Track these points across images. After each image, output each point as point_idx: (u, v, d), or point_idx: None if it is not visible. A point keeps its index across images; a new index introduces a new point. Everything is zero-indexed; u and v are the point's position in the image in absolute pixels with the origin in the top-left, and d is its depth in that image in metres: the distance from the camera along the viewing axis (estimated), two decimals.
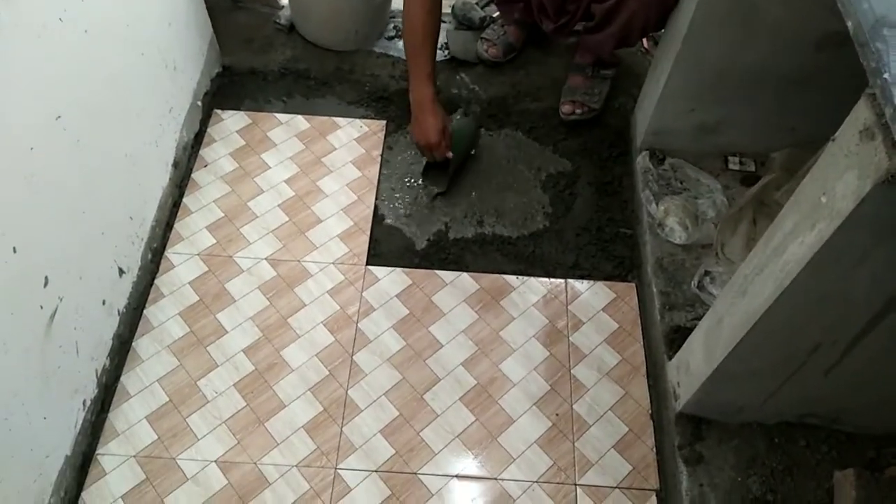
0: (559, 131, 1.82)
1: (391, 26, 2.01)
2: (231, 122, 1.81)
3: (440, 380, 1.42)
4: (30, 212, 1.07)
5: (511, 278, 1.57)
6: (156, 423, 1.34)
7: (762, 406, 1.21)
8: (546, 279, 1.57)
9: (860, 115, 0.76)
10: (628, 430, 1.37)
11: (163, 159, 1.57)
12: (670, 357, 1.35)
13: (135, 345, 1.43)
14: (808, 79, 1.45)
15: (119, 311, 1.39)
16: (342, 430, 1.35)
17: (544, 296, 1.54)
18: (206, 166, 1.72)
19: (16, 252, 1.04)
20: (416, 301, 1.53)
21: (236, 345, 1.44)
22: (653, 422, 1.38)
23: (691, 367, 1.23)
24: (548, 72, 1.92)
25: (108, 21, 1.28)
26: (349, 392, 1.40)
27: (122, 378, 1.39)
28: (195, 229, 1.61)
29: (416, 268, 1.57)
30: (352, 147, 1.78)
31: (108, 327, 1.36)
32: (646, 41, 1.97)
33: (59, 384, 1.20)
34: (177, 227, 1.61)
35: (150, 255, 1.52)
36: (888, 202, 0.74)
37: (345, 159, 1.75)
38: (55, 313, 1.16)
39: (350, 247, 1.60)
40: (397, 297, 1.53)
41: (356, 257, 1.58)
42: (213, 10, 1.80)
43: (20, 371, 1.08)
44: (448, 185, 1.68)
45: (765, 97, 1.50)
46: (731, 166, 1.65)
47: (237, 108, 1.84)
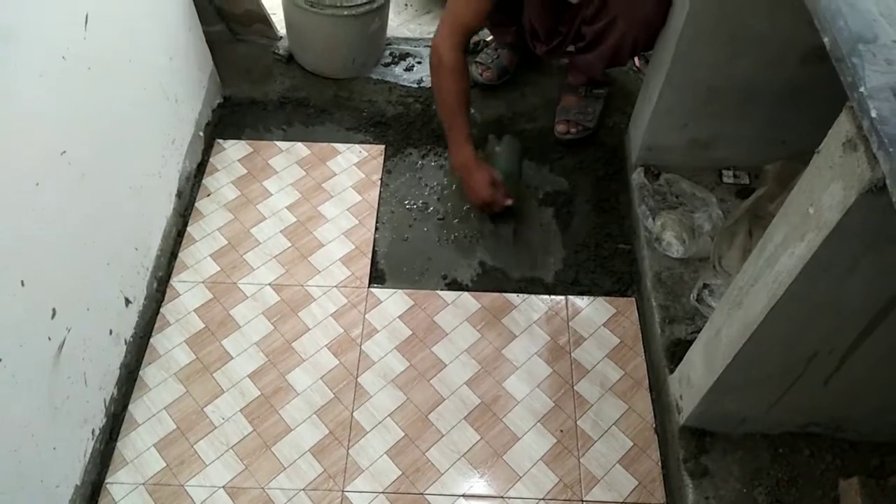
0: (555, 151, 1.84)
1: (387, 53, 2.05)
2: (232, 151, 1.84)
3: (444, 399, 1.43)
4: (36, 245, 1.10)
5: (512, 296, 1.58)
6: (164, 451, 1.35)
7: (765, 416, 1.22)
8: (546, 296, 1.58)
9: (842, 127, 0.79)
10: (633, 444, 1.37)
11: (166, 190, 1.60)
12: (672, 370, 1.36)
13: (142, 373, 1.45)
14: (797, 92, 1.48)
15: (126, 341, 1.41)
16: (348, 453, 1.36)
17: (545, 313, 1.56)
18: (209, 195, 1.75)
19: (23, 286, 1.06)
20: (419, 322, 1.54)
21: (242, 370, 1.46)
22: (657, 436, 1.38)
23: (692, 380, 1.24)
24: (542, 92, 1.96)
25: (111, 57, 1.32)
26: (354, 414, 1.41)
27: (130, 407, 1.40)
28: (199, 257, 1.63)
29: (418, 289, 1.59)
30: (351, 172, 1.80)
31: (116, 357, 1.38)
32: (637, 60, 2.00)
33: (68, 414, 1.21)
34: (181, 255, 1.63)
35: (156, 284, 1.54)
36: (873, 211, 0.76)
37: (345, 184, 1.78)
38: (63, 344, 1.18)
39: (352, 270, 1.62)
40: (400, 318, 1.55)
41: (358, 280, 1.61)
42: (212, 43, 1.84)
43: (29, 402, 1.10)
44: (516, 224, 1.70)
45: (756, 111, 1.53)
46: (726, 180, 1.67)
47: (238, 138, 1.87)
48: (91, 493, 1.29)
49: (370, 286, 1.60)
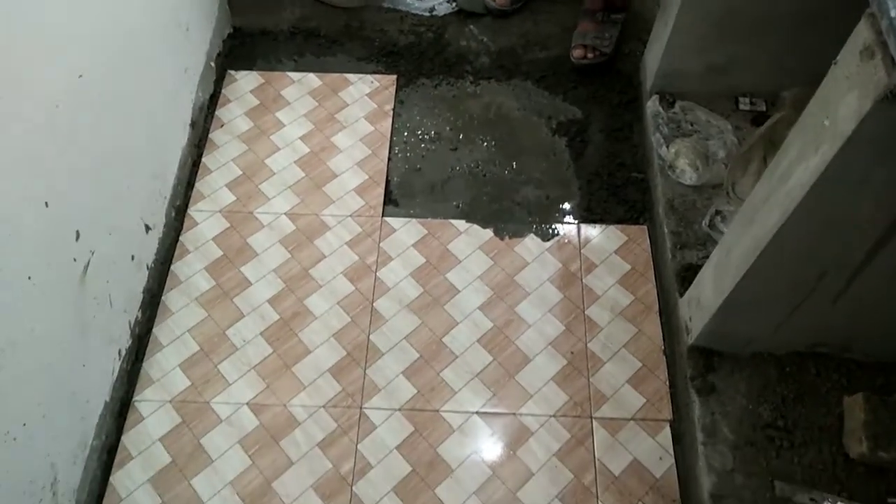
0: (569, 79, 1.83)
1: None
2: (244, 83, 1.84)
3: (458, 323, 1.47)
4: (58, 167, 1.12)
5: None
6: (188, 371, 1.41)
7: (772, 336, 1.25)
8: (559, 224, 1.60)
9: (860, 35, 0.78)
10: (642, 365, 1.41)
11: (180, 119, 1.61)
12: (682, 294, 1.38)
13: (164, 298, 1.49)
14: (816, 16, 1.44)
15: (147, 266, 1.45)
16: (366, 373, 1.40)
17: (557, 240, 1.58)
18: (223, 126, 1.75)
19: (48, 206, 1.09)
20: (432, 250, 1.57)
21: (261, 295, 1.50)
22: (665, 357, 1.42)
23: (702, 301, 1.26)
24: (556, 20, 1.92)
25: None
26: (371, 337, 1.45)
27: (154, 329, 1.45)
28: (215, 187, 1.65)
29: (432, 217, 1.61)
30: (364, 102, 1.80)
31: (138, 281, 1.42)
32: None
33: (96, 334, 1.26)
34: (198, 185, 1.65)
35: (174, 213, 1.57)
36: (888, 119, 0.76)
37: (357, 115, 1.78)
38: (88, 266, 1.22)
39: (366, 199, 1.64)
40: (414, 246, 1.57)
41: (372, 209, 1.62)
42: None
43: (59, 320, 1.14)
44: None
45: (774, 36, 1.50)
46: (742, 107, 1.65)
47: (250, 69, 1.86)
48: (119, 410, 1.35)
49: (384, 215, 1.62)
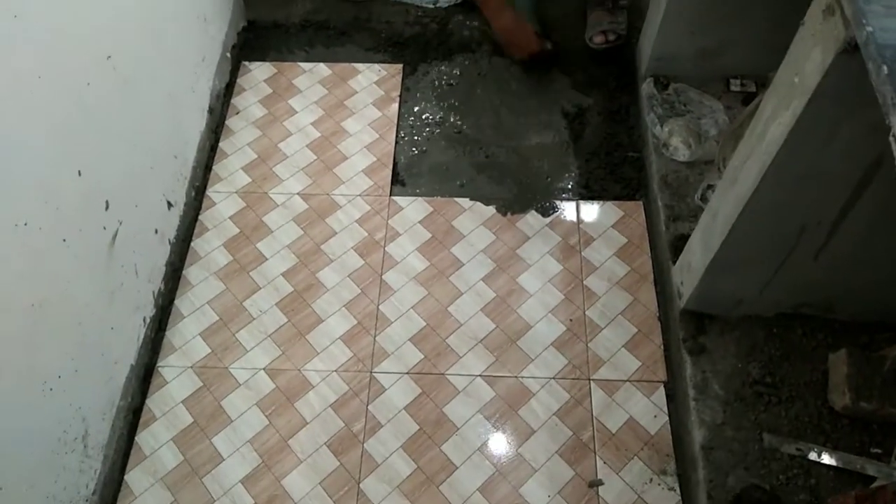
0: (568, 64, 1.90)
1: None
2: (258, 73, 1.93)
3: (462, 293, 1.54)
4: (90, 140, 1.21)
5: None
6: (209, 339, 1.49)
7: (759, 297, 1.31)
8: (559, 201, 1.67)
9: None
10: (637, 330, 1.48)
11: (199, 105, 1.70)
12: (675, 262, 1.45)
13: (185, 272, 1.58)
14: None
15: (170, 241, 1.54)
16: (375, 340, 1.48)
17: (557, 216, 1.65)
18: (238, 113, 1.85)
19: (80, 175, 1.18)
20: (438, 226, 1.65)
21: (276, 270, 1.58)
22: (660, 323, 1.49)
23: (692, 265, 1.33)
24: (556, 9, 2.00)
25: None
26: (380, 307, 1.53)
27: (176, 301, 1.54)
28: (232, 170, 1.74)
29: (437, 196, 1.69)
30: (371, 90, 1.89)
31: (161, 255, 1.51)
32: None
33: (123, 300, 1.34)
34: (215, 168, 1.74)
35: (194, 193, 1.66)
36: (849, 71, 0.84)
37: (366, 101, 1.86)
38: (116, 235, 1.30)
39: (374, 180, 1.72)
40: (420, 223, 1.65)
41: (380, 189, 1.71)
42: None
43: (90, 283, 1.23)
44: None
45: (763, 17, 1.57)
46: (733, 88, 1.72)
47: (263, 60, 1.96)
48: (144, 374, 1.43)
49: (392, 194, 1.70)
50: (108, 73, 1.26)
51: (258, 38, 2.00)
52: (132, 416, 1.39)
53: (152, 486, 1.32)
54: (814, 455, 1.22)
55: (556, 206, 1.67)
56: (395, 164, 1.75)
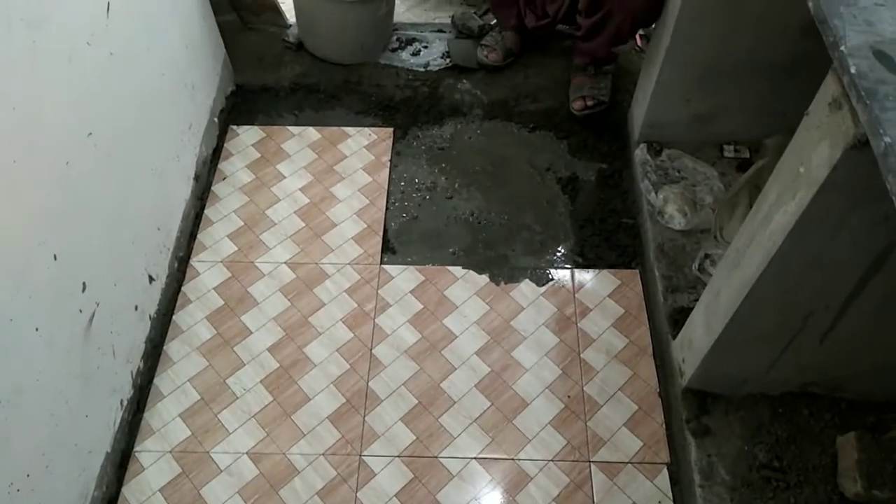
0: (560, 130, 1.89)
1: (394, 38, 2.10)
2: (246, 137, 1.90)
3: (456, 369, 1.49)
4: (68, 222, 1.16)
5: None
6: (189, 420, 1.42)
7: (764, 377, 1.27)
8: (553, 270, 1.63)
9: (828, 88, 0.83)
10: (638, 408, 1.43)
11: (185, 173, 1.66)
12: (674, 336, 1.41)
13: (166, 348, 1.51)
14: (797, 65, 1.51)
15: (150, 316, 1.48)
16: (365, 420, 1.42)
17: (552, 286, 1.61)
18: (225, 179, 1.81)
19: (56, 259, 1.12)
20: (430, 296, 1.60)
21: (261, 344, 1.52)
22: (661, 399, 1.44)
23: (694, 343, 1.29)
24: (545, 74, 2.00)
25: (131, 44, 1.37)
26: (370, 384, 1.47)
27: (156, 380, 1.47)
28: (217, 238, 1.69)
29: (429, 264, 1.65)
30: (362, 154, 1.86)
31: (141, 331, 1.44)
32: (639, 39, 2.04)
33: (98, 384, 1.28)
34: (200, 237, 1.69)
35: (177, 264, 1.60)
36: (858, 166, 0.81)
37: (356, 166, 1.83)
38: (93, 317, 1.24)
39: (364, 248, 1.68)
40: (411, 293, 1.60)
41: (371, 257, 1.66)
42: (224, 31, 1.89)
43: (63, 370, 1.16)
44: None
45: (756, 85, 1.57)
46: (727, 154, 1.71)
47: (251, 123, 1.93)
48: (121, 461, 1.36)
49: (382, 263, 1.66)
50: (88, 150, 1.22)
51: (247, 101, 1.97)
52: None
53: None
54: None
55: (551, 275, 1.63)
56: (385, 232, 1.71)
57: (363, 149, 1.87)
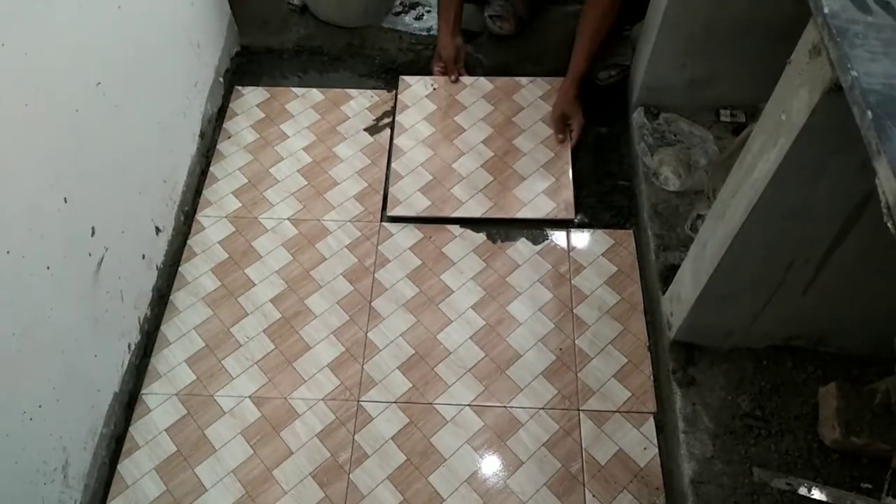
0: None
1: (398, 2, 2.12)
2: (251, 97, 1.93)
3: (452, 321, 1.53)
4: (77, 167, 1.20)
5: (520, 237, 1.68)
6: (194, 366, 1.47)
7: (749, 329, 1.31)
8: (549, 229, 1.67)
9: (808, 36, 0.86)
10: (627, 361, 1.47)
11: (190, 130, 1.70)
12: (664, 292, 1.45)
13: (172, 297, 1.56)
14: (791, 30, 1.52)
15: (157, 266, 1.53)
16: (363, 368, 1.47)
17: (547, 244, 1.65)
18: (230, 137, 1.84)
19: (66, 202, 1.17)
20: (428, 253, 1.64)
21: (264, 295, 1.57)
22: (650, 353, 1.48)
23: (682, 296, 1.33)
24: (547, 38, 2.02)
25: None
26: (368, 334, 1.51)
27: (162, 327, 1.52)
28: (222, 194, 1.74)
29: (428, 222, 1.69)
30: (364, 116, 1.89)
31: (148, 280, 1.49)
32: None
33: (107, 327, 1.33)
34: (205, 193, 1.74)
35: (183, 218, 1.65)
36: (836, 110, 0.84)
37: (358, 127, 1.87)
38: (102, 261, 1.29)
39: (365, 206, 1.72)
40: (410, 249, 1.65)
41: (371, 215, 1.70)
42: None
43: (74, 310, 1.22)
44: None
45: (752, 49, 1.58)
46: (723, 118, 1.73)
47: (256, 85, 1.96)
48: (128, 401, 1.42)
49: (382, 220, 1.70)
50: (97, 98, 1.26)
51: (251, 63, 2.00)
52: (114, 444, 1.37)
53: None
54: (804, 490, 1.21)
55: (547, 234, 1.66)
56: (386, 190, 1.75)
57: (365, 110, 1.90)
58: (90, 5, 1.23)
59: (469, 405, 1.42)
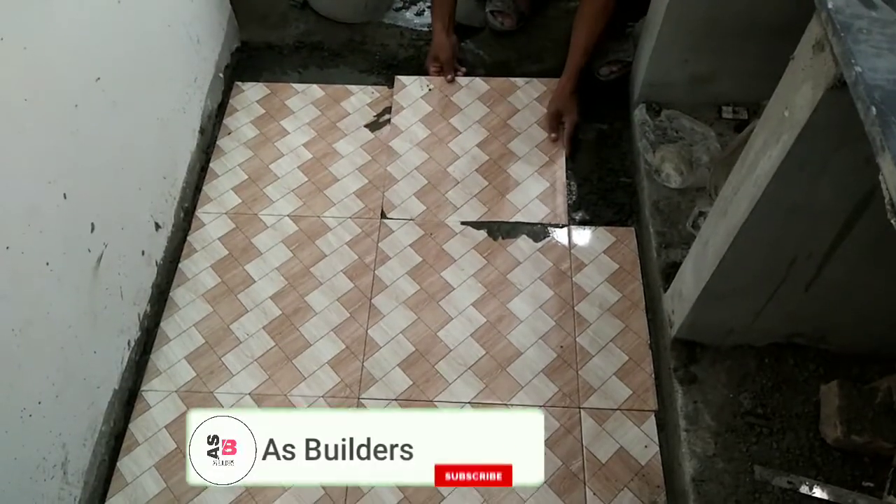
0: None
1: None
2: (251, 93, 1.92)
3: (452, 319, 1.53)
4: (76, 163, 1.20)
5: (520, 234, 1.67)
6: (194, 363, 1.47)
7: (751, 326, 1.30)
8: (550, 226, 1.67)
9: (812, 31, 0.86)
10: (628, 358, 1.47)
11: (190, 126, 1.69)
12: (666, 290, 1.44)
13: (172, 294, 1.56)
14: (794, 26, 1.51)
15: (157, 263, 1.52)
16: (363, 365, 1.46)
17: (548, 241, 1.64)
18: (230, 133, 1.84)
19: (66, 198, 1.17)
20: (429, 249, 1.64)
21: (264, 292, 1.57)
22: (651, 351, 1.47)
23: (683, 293, 1.33)
24: (548, 34, 2.01)
25: None
26: (369, 331, 1.51)
27: (162, 324, 1.52)
28: (222, 191, 1.73)
29: (429, 219, 1.68)
30: (364, 112, 1.88)
31: (148, 276, 1.49)
32: None
33: (107, 323, 1.33)
34: (205, 189, 1.73)
35: (183, 214, 1.64)
36: (839, 107, 0.83)
37: (358, 123, 1.86)
38: (101, 258, 1.29)
39: (365, 202, 1.71)
40: (411, 246, 1.64)
41: (371, 212, 1.70)
42: None
43: (73, 306, 1.21)
44: None
45: (754, 46, 1.57)
46: (725, 115, 1.73)
47: (256, 80, 1.95)
48: (128, 398, 1.41)
49: (383, 217, 1.69)
50: (96, 95, 1.25)
51: (252, 58, 1.99)
52: (114, 441, 1.36)
53: None
54: (805, 489, 1.21)
55: (548, 232, 1.66)
56: (386, 187, 1.74)
57: (366, 106, 1.89)
58: (90, 0, 1.22)
59: (469, 403, 1.41)
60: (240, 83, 1.94)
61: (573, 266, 1.60)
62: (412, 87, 1.91)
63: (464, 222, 1.67)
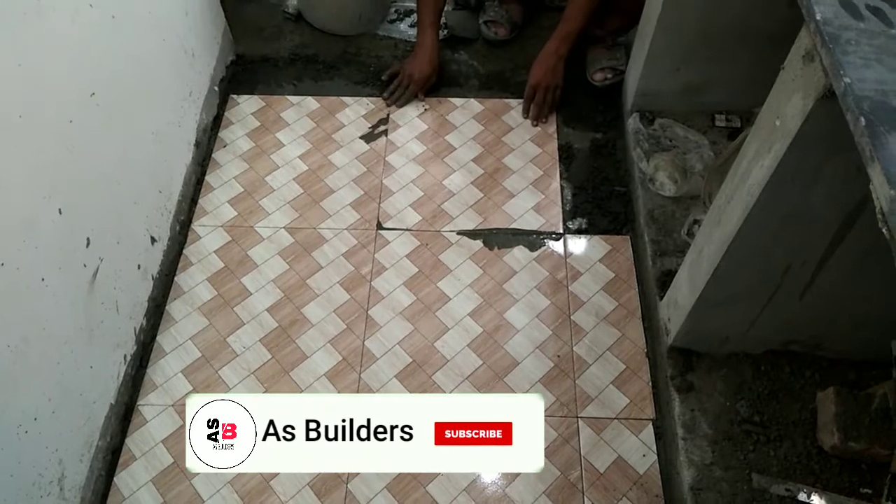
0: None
1: (393, 10, 2.12)
2: (246, 106, 1.93)
3: (449, 329, 1.53)
4: (72, 178, 1.20)
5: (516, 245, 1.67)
6: (190, 376, 1.46)
7: (746, 334, 1.31)
8: (545, 236, 1.67)
9: (802, 42, 0.86)
10: (625, 367, 1.47)
11: (185, 139, 1.70)
12: (661, 298, 1.45)
13: (168, 307, 1.56)
14: (785, 35, 1.53)
15: (153, 276, 1.52)
16: (360, 377, 1.46)
17: (544, 251, 1.65)
18: (226, 146, 1.84)
19: (61, 213, 1.17)
20: (425, 260, 1.64)
21: (260, 305, 1.56)
22: (648, 359, 1.48)
23: (679, 301, 1.33)
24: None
25: (132, 8, 1.41)
26: (366, 343, 1.51)
27: (158, 337, 1.51)
28: (218, 204, 1.73)
29: (424, 230, 1.68)
30: (359, 123, 1.89)
31: (144, 290, 1.49)
32: None
33: (103, 337, 1.32)
34: (201, 202, 1.73)
35: (178, 227, 1.64)
36: (829, 116, 0.84)
37: (353, 135, 1.87)
38: (97, 272, 1.29)
39: (361, 214, 1.71)
40: (407, 257, 1.64)
41: (367, 223, 1.70)
42: (225, 1, 1.92)
43: (68, 321, 1.21)
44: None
45: (747, 54, 1.59)
46: (718, 123, 1.74)
47: (251, 93, 1.96)
48: (124, 413, 1.41)
49: (378, 228, 1.69)
50: (91, 110, 1.25)
51: (246, 71, 2.00)
52: (111, 456, 1.36)
53: None
54: (803, 496, 1.21)
55: (544, 241, 1.66)
56: (381, 198, 1.74)
57: (361, 118, 1.90)
58: (84, 15, 1.22)
59: None
60: (235, 96, 1.95)
61: (569, 275, 1.61)
62: (407, 106, 1.92)
63: (460, 232, 1.67)
